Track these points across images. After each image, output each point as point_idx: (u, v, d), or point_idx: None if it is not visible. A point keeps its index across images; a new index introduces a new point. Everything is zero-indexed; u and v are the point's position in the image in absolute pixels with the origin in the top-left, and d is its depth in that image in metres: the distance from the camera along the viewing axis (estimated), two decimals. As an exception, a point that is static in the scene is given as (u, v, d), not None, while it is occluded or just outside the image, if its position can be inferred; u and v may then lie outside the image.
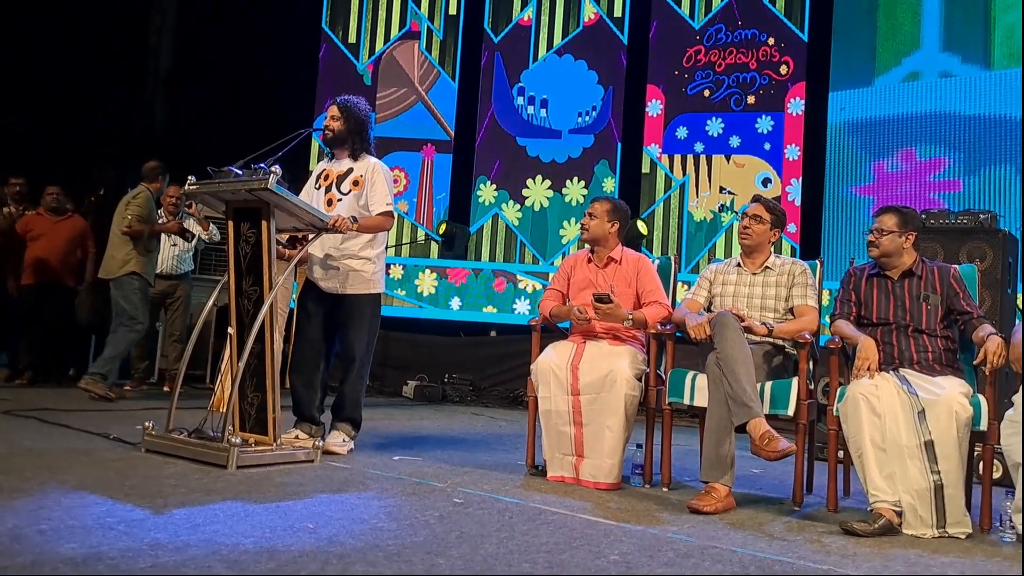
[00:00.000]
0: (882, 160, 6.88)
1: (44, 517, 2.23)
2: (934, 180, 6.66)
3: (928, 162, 6.70)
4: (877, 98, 6.95)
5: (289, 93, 8.10)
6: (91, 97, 7.64)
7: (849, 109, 7.04)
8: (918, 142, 6.75)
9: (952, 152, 6.62)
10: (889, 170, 6.84)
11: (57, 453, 3.21)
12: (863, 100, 7.00)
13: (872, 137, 6.94)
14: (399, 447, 4.05)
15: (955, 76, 6.64)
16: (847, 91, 7.07)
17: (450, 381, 7.13)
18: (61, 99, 7.53)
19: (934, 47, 6.76)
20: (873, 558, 2.42)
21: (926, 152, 6.72)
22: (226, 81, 8.02)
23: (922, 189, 6.64)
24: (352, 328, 3.71)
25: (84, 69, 7.61)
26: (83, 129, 7.49)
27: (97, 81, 7.71)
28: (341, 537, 2.24)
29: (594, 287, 3.57)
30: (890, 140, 6.86)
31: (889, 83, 6.90)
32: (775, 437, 2.88)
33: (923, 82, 6.76)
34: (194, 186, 3.45)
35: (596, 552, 2.26)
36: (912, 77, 6.81)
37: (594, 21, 7.95)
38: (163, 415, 3.52)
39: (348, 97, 3.85)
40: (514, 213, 7.91)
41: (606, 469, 3.27)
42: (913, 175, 6.75)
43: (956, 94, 6.63)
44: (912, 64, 6.84)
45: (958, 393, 2.82)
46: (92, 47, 7.67)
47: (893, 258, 3.18)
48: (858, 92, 7.03)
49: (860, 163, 6.98)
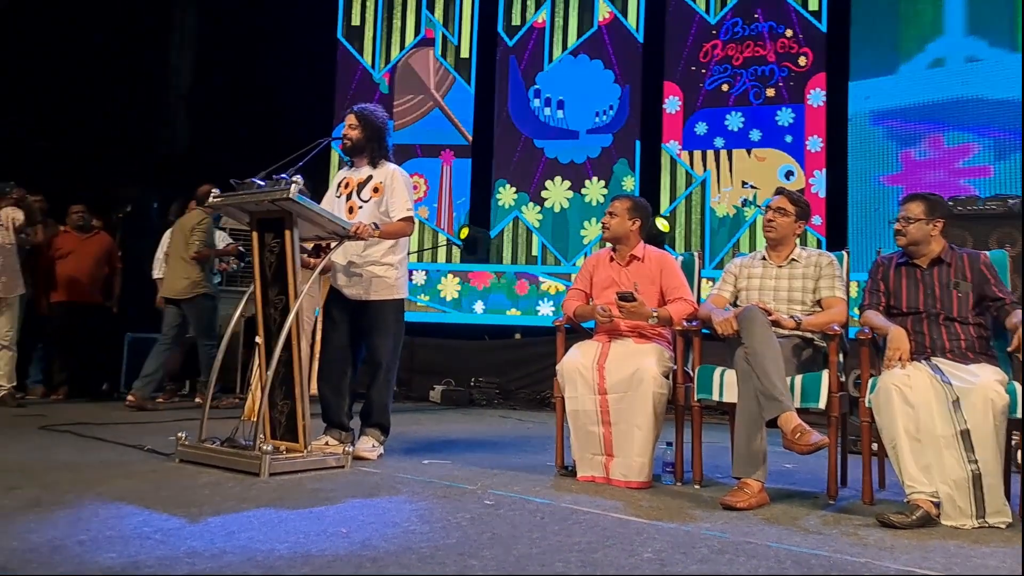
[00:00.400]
0: (910, 148, 6.79)
1: (83, 528, 2.26)
2: (963, 166, 6.55)
3: (956, 148, 6.60)
4: (902, 85, 6.86)
5: (308, 104, 8.17)
6: (114, 115, 7.75)
7: (874, 98, 6.95)
8: (946, 128, 6.65)
9: (981, 137, 6.51)
10: (917, 158, 6.75)
11: (93, 466, 3.25)
12: (888, 88, 6.91)
13: (898, 125, 6.85)
14: (428, 451, 4.06)
15: (982, 60, 6.53)
16: (871, 80, 6.98)
17: (477, 384, 7.14)
18: (84, 118, 7.64)
19: (958, 31, 6.66)
20: (912, 550, 2.38)
21: (954, 139, 6.62)
22: (245, 95, 8.11)
23: (951, 176, 6.54)
24: (377, 334, 3.73)
25: (107, 88, 7.72)
26: (107, 147, 7.60)
27: (120, 100, 7.82)
28: (374, 541, 2.25)
29: (617, 286, 3.56)
30: (917, 128, 6.77)
31: (914, 70, 6.81)
32: (807, 431, 2.84)
33: (948, 67, 6.67)
34: (218, 199, 3.50)
35: (629, 551, 2.25)
36: (937, 63, 6.72)
37: (609, 20, 7.94)
38: (195, 426, 3.55)
39: (365, 105, 3.88)
40: (534, 215, 7.91)
41: (636, 468, 3.25)
42: (942, 162, 6.65)
43: (983, 78, 6.52)
44: (936, 50, 6.75)
45: (993, 380, 2.78)
46: (114, 66, 7.78)
47: (921, 246, 3.14)
48: (882, 80, 6.93)
49: (887, 152, 6.88)
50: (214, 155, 5.07)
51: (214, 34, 8.54)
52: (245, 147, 6.91)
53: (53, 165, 7.12)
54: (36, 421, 4.57)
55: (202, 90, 8.50)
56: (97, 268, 6.27)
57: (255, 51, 8.21)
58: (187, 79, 8.58)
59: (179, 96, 8.54)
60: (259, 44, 8.22)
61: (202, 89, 8.51)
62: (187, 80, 8.58)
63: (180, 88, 8.55)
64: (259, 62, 8.20)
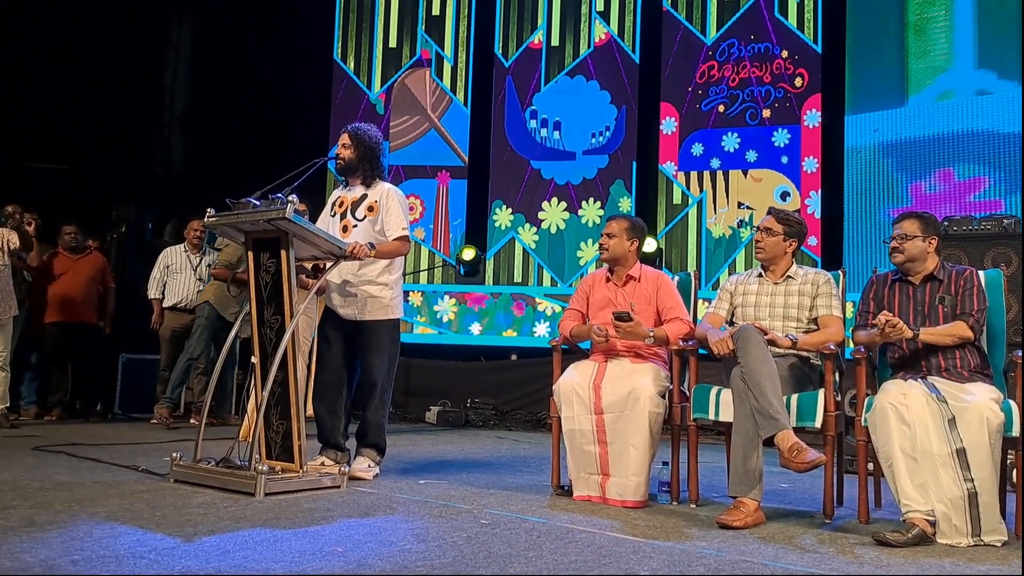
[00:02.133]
0: (920, 181, 6.69)
1: (76, 548, 2.25)
2: (974, 200, 6.45)
3: (967, 182, 6.51)
4: (911, 118, 6.77)
5: (303, 125, 8.20)
6: (109, 135, 7.77)
7: (883, 130, 6.85)
8: (956, 162, 6.55)
9: (992, 171, 6.41)
10: (927, 191, 6.65)
11: (87, 486, 3.23)
12: (897, 120, 6.83)
13: (908, 158, 6.75)
14: (424, 471, 4.04)
15: (991, 93, 6.46)
16: (880, 112, 6.89)
17: (473, 406, 7.12)
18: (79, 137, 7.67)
19: (968, 64, 6.59)
20: (907, 568, 2.38)
21: (965, 172, 6.51)
22: (241, 116, 8.14)
23: (962, 210, 6.38)
24: (372, 354, 3.72)
25: (102, 107, 7.75)
26: (102, 167, 7.62)
27: (115, 119, 7.85)
28: (370, 560, 2.24)
29: (614, 306, 3.57)
30: (927, 160, 6.67)
31: (923, 102, 6.73)
32: (804, 448, 2.85)
33: (958, 100, 6.59)
34: (213, 218, 3.50)
35: (626, 569, 2.24)
36: (946, 96, 6.65)
37: (605, 41, 8.00)
38: (190, 446, 3.54)
39: (359, 125, 3.90)
40: (531, 236, 7.93)
41: (632, 487, 3.24)
42: (952, 195, 6.55)
43: (993, 112, 6.44)
44: (946, 82, 6.67)
45: (988, 399, 2.79)
46: (109, 85, 7.81)
47: (917, 263, 3.16)
48: (891, 112, 6.85)
49: (897, 184, 6.79)
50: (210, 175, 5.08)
51: (210, 53, 8.59)
52: (241, 167, 6.94)
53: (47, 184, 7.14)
54: (30, 442, 4.55)
55: (198, 110, 8.54)
56: (90, 288, 6.26)
57: (251, 71, 8.25)
58: (182, 98, 8.62)
59: (174, 116, 8.57)
60: (255, 64, 8.26)
61: (198, 109, 8.54)
62: (183, 99, 8.61)
63: (176, 107, 8.58)
64: (255, 82, 8.24)
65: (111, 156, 7.72)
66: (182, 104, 8.63)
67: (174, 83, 8.65)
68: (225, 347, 3.80)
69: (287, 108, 8.20)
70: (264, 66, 8.22)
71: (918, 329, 3.00)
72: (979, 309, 3.04)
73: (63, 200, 6.91)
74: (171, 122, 8.58)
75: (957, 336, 2.99)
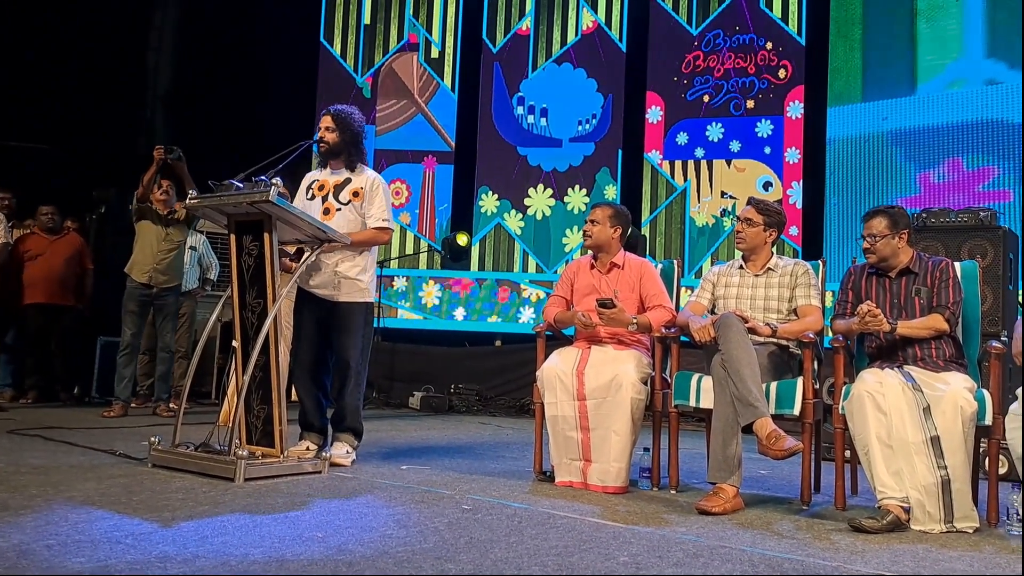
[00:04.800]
0: (928, 171, 6.68)
1: (51, 532, 2.24)
2: (983, 190, 6.46)
3: (976, 172, 6.51)
4: (921, 107, 6.75)
5: (288, 107, 8.13)
6: (91, 116, 7.67)
7: (892, 119, 6.84)
8: (965, 151, 6.54)
9: (1001, 161, 6.40)
10: (936, 181, 6.65)
11: (63, 470, 3.21)
12: (906, 109, 6.81)
13: (917, 147, 6.74)
14: (407, 457, 4.04)
15: (1001, 83, 6.43)
16: (889, 100, 6.87)
17: (456, 391, 7.13)
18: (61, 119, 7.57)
19: (978, 53, 6.57)
20: (882, 554, 2.41)
21: (973, 162, 6.51)
22: (225, 97, 8.05)
23: (970, 199, 6.40)
24: (345, 335, 3.70)
25: (83, 89, 7.65)
26: (84, 148, 7.53)
27: (97, 101, 7.74)
28: (350, 545, 2.24)
29: (597, 292, 3.57)
30: (936, 150, 6.65)
31: (933, 91, 6.70)
32: (782, 436, 2.88)
33: (968, 89, 6.57)
34: (195, 200, 3.47)
35: (606, 554, 2.26)
36: (956, 84, 6.63)
37: (592, 29, 7.99)
38: (169, 431, 3.52)
39: (342, 107, 3.85)
40: (516, 222, 7.93)
41: (614, 473, 3.26)
42: (961, 185, 6.54)
43: (1003, 101, 6.42)
44: (956, 71, 6.64)
45: (962, 388, 2.82)
46: (91, 67, 7.70)
47: (891, 260, 3.19)
48: (901, 101, 6.83)
49: (905, 174, 6.78)
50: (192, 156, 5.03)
51: (194, 34, 8.49)
52: (224, 149, 6.87)
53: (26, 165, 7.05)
54: (5, 425, 4.50)
55: (181, 91, 8.44)
56: (67, 269, 6.18)
57: (236, 52, 8.17)
58: (166, 79, 8.51)
59: (157, 96, 8.47)
60: (240, 45, 8.17)
61: (181, 90, 8.45)
62: (166, 80, 8.51)
63: (159, 88, 8.48)
64: (240, 63, 8.16)
65: (93, 137, 7.62)
66: (165, 85, 8.53)
67: (157, 64, 8.54)
68: (206, 331, 3.76)
69: (272, 90, 8.13)
70: (249, 48, 8.14)
71: (895, 322, 3.03)
72: (955, 301, 3.07)
73: (43, 180, 6.82)
74: (154, 103, 8.48)
75: (934, 329, 3.03)
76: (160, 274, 5.50)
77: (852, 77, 7.11)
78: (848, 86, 7.11)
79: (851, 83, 7.11)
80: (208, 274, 6.26)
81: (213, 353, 6.54)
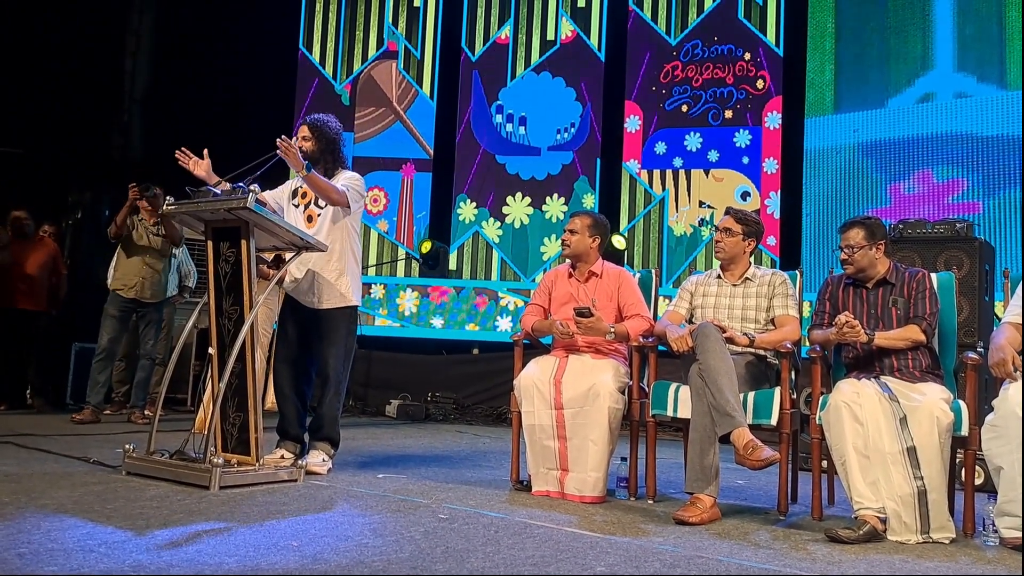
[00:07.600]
0: (899, 182, 6.76)
1: (23, 541, 2.20)
2: (953, 202, 6.53)
3: (946, 184, 6.59)
4: (891, 119, 6.84)
5: (267, 114, 8.08)
6: (68, 120, 7.58)
7: (863, 131, 6.91)
8: (935, 164, 6.63)
9: (970, 173, 6.50)
10: (906, 192, 6.73)
11: (36, 477, 3.16)
12: (877, 121, 6.89)
13: (888, 159, 6.82)
14: (383, 465, 4.02)
15: (971, 96, 6.53)
16: (860, 112, 6.95)
17: (433, 399, 7.10)
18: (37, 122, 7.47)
19: (948, 67, 6.67)
20: (858, 564, 2.42)
21: (943, 174, 6.60)
22: (203, 102, 7.99)
23: (940, 211, 6.49)
24: (328, 343, 3.69)
25: (60, 93, 7.56)
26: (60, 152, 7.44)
27: (73, 104, 7.65)
28: (326, 554, 2.22)
29: (575, 301, 3.58)
30: (906, 162, 6.74)
31: (903, 104, 6.79)
32: (759, 446, 2.89)
33: (938, 103, 6.67)
34: (172, 206, 3.44)
35: (582, 564, 2.25)
36: (927, 98, 6.72)
37: (571, 39, 8.02)
38: (144, 438, 3.47)
39: (318, 116, 3.85)
40: (494, 231, 7.92)
41: (591, 483, 3.26)
42: (931, 197, 6.63)
43: (972, 115, 6.52)
44: (926, 84, 6.74)
45: (939, 399, 2.85)
46: (67, 70, 7.62)
47: (868, 271, 3.22)
48: (872, 113, 6.91)
49: (876, 185, 6.85)
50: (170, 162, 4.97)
51: (172, 39, 8.42)
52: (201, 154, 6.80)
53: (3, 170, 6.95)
54: (-24, 431, 4.43)
55: (158, 95, 8.37)
56: (41, 275, 6.10)
57: (214, 58, 8.11)
58: (143, 83, 8.43)
59: (134, 100, 8.39)
60: (218, 51, 8.11)
61: (158, 94, 8.37)
62: (143, 85, 8.43)
63: (135, 93, 8.40)
64: (218, 69, 8.10)
65: (69, 141, 7.53)
66: (142, 89, 8.45)
67: (134, 68, 8.46)
68: (182, 337, 3.73)
69: (250, 96, 8.07)
70: (227, 53, 8.09)
71: (873, 333, 3.06)
72: (931, 312, 3.10)
73: (18, 184, 6.72)
74: (131, 107, 8.40)
75: (910, 340, 3.06)
76: (147, 290, 5.54)
77: (826, 89, 7.21)
78: (822, 98, 7.20)
79: (825, 95, 7.20)
80: (187, 281, 6.20)
81: (189, 360, 6.47)
